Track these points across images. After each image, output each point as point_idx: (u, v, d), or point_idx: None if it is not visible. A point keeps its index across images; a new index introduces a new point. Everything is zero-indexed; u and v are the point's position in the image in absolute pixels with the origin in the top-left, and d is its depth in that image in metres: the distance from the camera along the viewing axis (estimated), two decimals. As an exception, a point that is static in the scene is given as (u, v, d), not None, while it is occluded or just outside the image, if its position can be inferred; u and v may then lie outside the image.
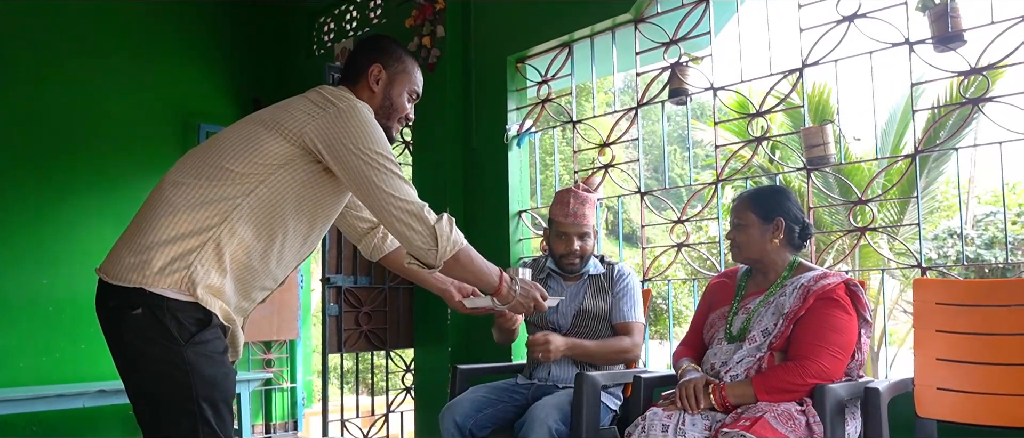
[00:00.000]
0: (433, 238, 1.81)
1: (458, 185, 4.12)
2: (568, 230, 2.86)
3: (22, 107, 4.50)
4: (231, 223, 1.72)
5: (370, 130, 1.80)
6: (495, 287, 2.00)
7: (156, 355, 1.66)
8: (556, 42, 3.81)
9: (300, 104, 1.85)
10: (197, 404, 1.66)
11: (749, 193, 2.45)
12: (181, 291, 1.66)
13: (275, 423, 5.43)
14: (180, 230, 1.68)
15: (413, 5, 4.26)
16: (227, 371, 1.75)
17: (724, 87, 3.28)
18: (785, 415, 2.05)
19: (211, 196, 1.71)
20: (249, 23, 5.53)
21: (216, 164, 1.75)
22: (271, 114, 1.85)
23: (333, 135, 1.77)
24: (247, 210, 1.74)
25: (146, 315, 1.65)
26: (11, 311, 4.39)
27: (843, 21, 2.93)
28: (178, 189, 1.73)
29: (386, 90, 2.00)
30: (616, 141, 3.64)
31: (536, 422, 2.48)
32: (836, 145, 2.97)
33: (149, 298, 1.65)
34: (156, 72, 5.04)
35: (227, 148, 1.77)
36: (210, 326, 1.71)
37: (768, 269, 2.38)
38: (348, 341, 3.99)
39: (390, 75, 2.01)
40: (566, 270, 2.92)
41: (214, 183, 1.73)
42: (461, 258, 1.88)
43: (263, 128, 1.80)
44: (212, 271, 1.70)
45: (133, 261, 1.67)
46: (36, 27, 4.61)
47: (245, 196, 1.73)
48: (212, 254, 1.70)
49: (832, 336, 2.17)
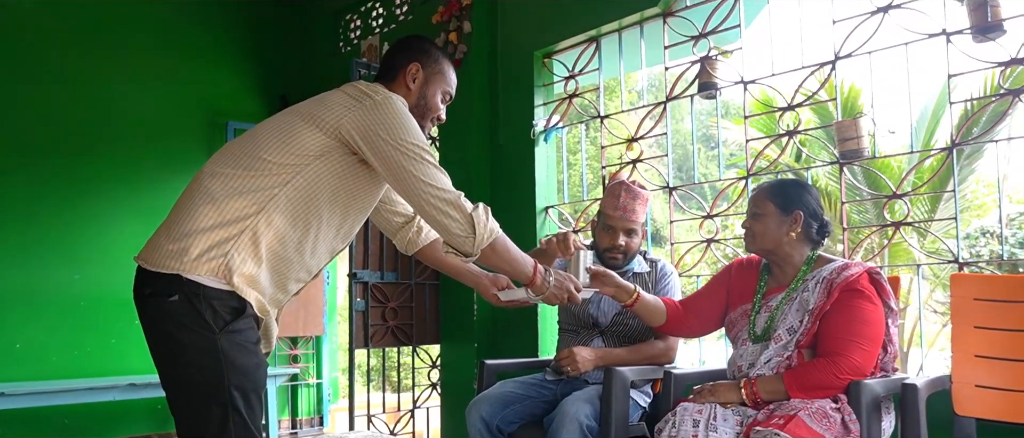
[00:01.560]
0: (470, 226, 1.83)
1: (485, 181, 4.11)
2: (615, 223, 2.82)
3: (52, 105, 4.57)
4: (268, 213, 1.74)
5: (405, 121, 1.83)
6: (529, 277, 2.02)
7: (190, 342, 1.68)
8: (583, 37, 3.79)
9: (336, 97, 1.87)
10: (228, 392, 1.67)
11: (770, 183, 2.41)
12: (218, 278, 1.68)
13: (301, 418, 5.46)
14: (218, 219, 1.70)
15: (440, 1, 4.26)
16: (259, 361, 1.76)
17: (754, 80, 3.24)
18: (820, 413, 2.02)
19: (248, 186, 1.74)
20: (276, 21, 5.56)
21: (253, 155, 1.78)
22: (308, 107, 1.87)
23: (369, 126, 1.79)
24: (283, 200, 1.76)
25: (182, 302, 1.67)
26: (42, 306, 4.45)
27: (878, 12, 2.88)
28: (216, 179, 1.76)
29: (422, 89, 2.03)
30: (644, 136, 3.61)
31: (566, 417, 2.46)
32: (869, 139, 2.92)
33: (186, 285, 1.67)
34: (184, 70, 5.10)
35: (264, 139, 1.81)
36: (244, 315, 1.72)
37: (784, 263, 2.34)
38: (375, 336, 4.00)
39: (427, 75, 2.04)
40: (608, 264, 2.89)
41: (251, 173, 1.75)
42: (497, 247, 1.90)
43: (300, 120, 1.82)
44: (248, 260, 1.72)
45: (171, 248, 1.69)
46: (65, 26, 4.67)
47: (281, 186, 1.75)
48: (248, 243, 1.72)
49: (861, 328, 2.13)
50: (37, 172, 4.48)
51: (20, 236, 4.41)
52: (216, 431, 1.68)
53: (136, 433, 4.72)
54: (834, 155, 3.00)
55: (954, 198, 2.80)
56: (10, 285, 4.35)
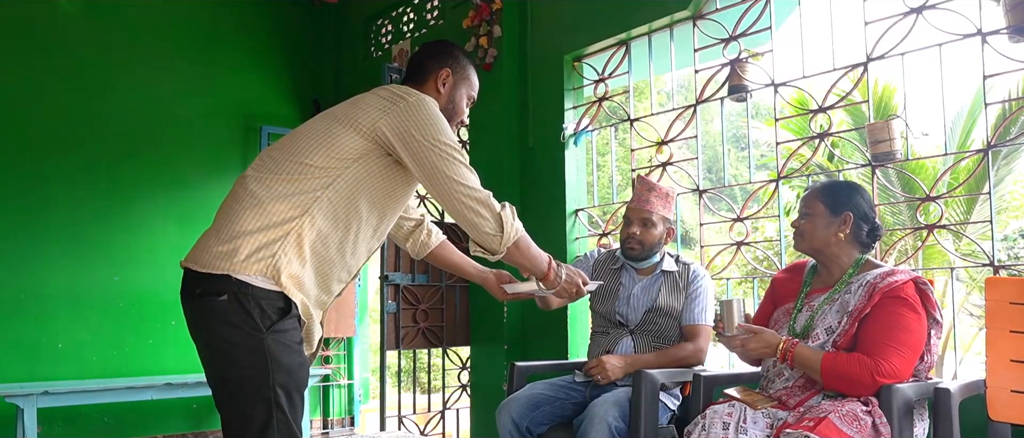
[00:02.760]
0: (499, 225, 1.90)
1: (515, 184, 4.13)
2: (631, 214, 2.89)
3: (93, 111, 4.69)
4: (311, 215, 1.80)
5: (438, 122, 1.89)
6: (544, 272, 2.09)
7: (238, 341, 1.73)
8: (613, 40, 3.80)
9: (371, 100, 1.93)
10: (273, 390, 1.73)
11: (822, 184, 2.41)
12: (266, 279, 1.74)
13: (332, 419, 5.53)
14: (265, 221, 1.77)
15: (470, 6, 4.30)
16: (302, 361, 1.81)
17: (785, 83, 3.23)
18: (850, 415, 2.01)
19: (292, 189, 1.80)
20: (308, 27, 5.65)
21: (295, 160, 1.84)
22: (344, 111, 1.93)
23: (404, 127, 1.85)
24: (326, 203, 1.82)
25: (231, 302, 1.73)
26: (83, 307, 4.56)
27: (911, 13, 2.86)
28: (261, 183, 1.82)
29: (451, 93, 2.11)
30: (674, 139, 3.61)
31: (595, 418, 2.48)
32: (902, 141, 2.90)
33: (235, 285, 1.73)
34: (219, 76, 5.20)
35: (305, 144, 1.87)
36: (290, 316, 1.78)
37: (832, 264, 2.34)
38: (406, 338, 4.04)
39: (456, 80, 2.12)
40: (626, 255, 2.92)
41: (294, 177, 1.81)
42: (521, 244, 1.97)
43: (338, 124, 1.88)
44: (294, 260, 1.77)
45: (221, 250, 1.75)
46: (109, 34, 4.80)
47: (324, 189, 1.82)
48: (294, 244, 1.77)
49: (900, 335, 2.11)
50: (81, 176, 4.60)
51: (63, 238, 4.53)
52: (260, 428, 1.73)
53: (173, 432, 4.82)
54: (866, 156, 2.98)
55: (990, 200, 2.77)
56: (53, 286, 4.47)
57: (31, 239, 4.44)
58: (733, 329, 2.27)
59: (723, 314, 2.30)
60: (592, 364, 2.79)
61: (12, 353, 4.35)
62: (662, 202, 2.89)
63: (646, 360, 2.77)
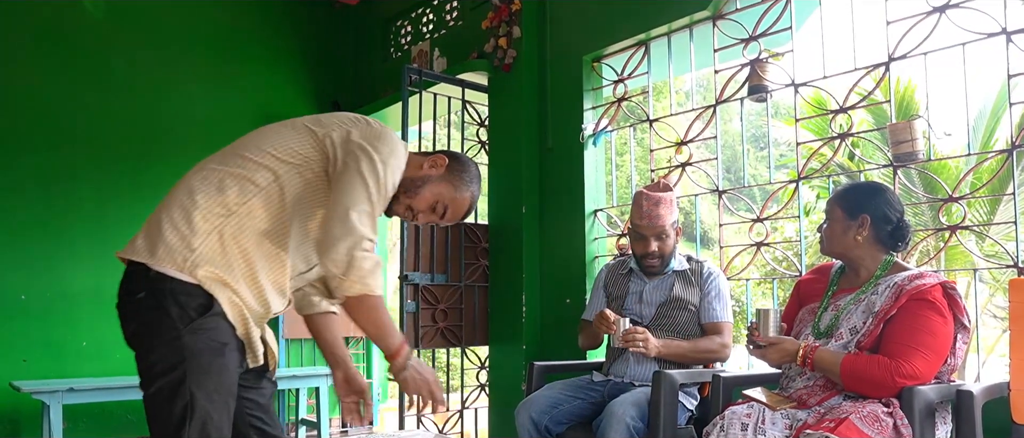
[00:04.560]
0: (348, 263, 1.65)
1: (534, 184, 4.14)
2: (645, 232, 2.87)
3: (118, 112, 4.76)
4: (239, 217, 1.69)
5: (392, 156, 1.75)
6: (392, 351, 1.76)
7: (156, 337, 1.63)
8: (632, 41, 3.80)
9: (341, 116, 1.84)
10: (190, 393, 1.60)
11: (841, 188, 2.42)
12: (183, 272, 1.63)
13: (352, 417, 5.55)
14: (192, 214, 1.67)
15: (489, 7, 4.31)
16: (226, 363, 1.66)
17: (806, 83, 3.22)
18: (871, 416, 2.00)
19: (226, 184, 1.71)
20: (329, 28, 5.69)
21: (237, 152, 1.76)
22: (305, 117, 1.84)
23: (354, 136, 1.74)
24: (257, 204, 1.71)
25: (148, 299, 1.63)
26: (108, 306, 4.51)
27: (934, 12, 2.83)
28: (199, 174, 1.75)
29: (426, 181, 1.92)
30: (694, 139, 3.61)
31: (614, 418, 2.48)
32: (924, 141, 2.88)
33: (152, 279, 1.63)
34: (241, 78, 5.25)
35: (252, 140, 1.79)
36: (212, 313, 1.65)
37: (858, 266, 2.33)
38: (425, 337, 4.06)
39: (445, 177, 1.94)
40: (647, 271, 2.93)
41: (232, 170, 1.73)
42: (367, 303, 1.70)
43: (291, 127, 1.80)
44: (217, 257, 1.66)
45: (143, 243, 1.68)
46: (132, 35, 4.87)
47: (257, 191, 1.71)
48: (217, 242, 1.67)
49: (925, 338, 2.09)
50: (105, 176, 4.67)
51: (88, 237, 4.59)
52: (172, 432, 1.60)
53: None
54: (887, 157, 2.96)
55: (1014, 201, 2.74)
56: (79, 285, 4.54)
57: (57, 239, 4.52)
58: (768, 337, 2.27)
59: (760, 323, 2.30)
60: (639, 330, 2.71)
61: (38, 351, 4.42)
62: (668, 209, 2.89)
63: (681, 347, 2.78)
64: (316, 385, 4.76)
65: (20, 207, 4.44)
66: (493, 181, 4.32)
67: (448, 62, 4.53)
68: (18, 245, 4.42)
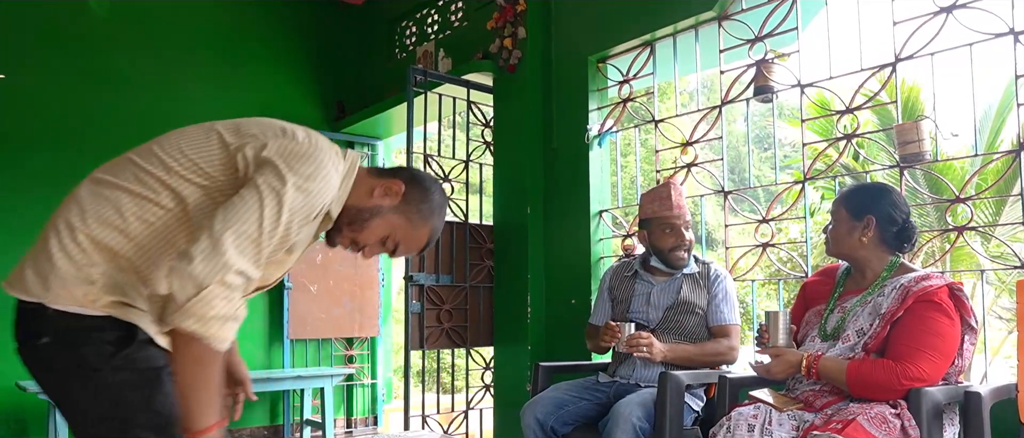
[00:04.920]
0: (197, 292, 1.29)
1: (539, 185, 4.14)
2: (674, 221, 2.86)
3: (121, 111, 4.77)
4: (136, 242, 1.42)
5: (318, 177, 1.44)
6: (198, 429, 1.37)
7: (77, 387, 1.38)
8: (638, 41, 3.79)
9: (266, 124, 1.54)
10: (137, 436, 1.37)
11: (846, 189, 2.41)
12: (85, 307, 1.38)
13: (356, 418, 5.57)
14: (81, 237, 1.40)
15: (494, 7, 4.31)
16: (167, 390, 1.41)
17: (812, 84, 3.21)
18: (879, 418, 2.00)
19: (123, 204, 1.43)
20: (333, 28, 5.70)
21: (137, 164, 1.49)
22: (224, 124, 1.54)
23: (269, 150, 1.44)
24: (160, 227, 1.43)
25: (55, 343, 1.38)
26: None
27: (941, 12, 2.83)
28: (92, 188, 1.48)
29: (376, 211, 1.59)
30: (699, 140, 3.60)
31: (620, 419, 2.48)
32: (931, 142, 2.87)
33: (53, 319, 1.37)
34: (245, 77, 5.27)
35: (156, 151, 1.52)
36: (137, 341, 1.42)
37: (864, 268, 2.32)
38: (430, 338, 4.06)
39: (399, 207, 1.60)
40: (675, 265, 2.90)
41: (131, 186, 1.45)
42: (196, 351, 1.33)
43: (203, 137, 1.51)
44: (121, 283, 1.41)
45: (33, 276, 1.39)
46: (136, 35, 4.89)
47: (159, 211, 1.43)
48: (116, 268, 1.41)
49: (931, 340, 2.09)
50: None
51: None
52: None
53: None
54: (893, 157, 2.95)
55: (1020, 201, 2.73)
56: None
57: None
58: (777, 341, 2.27)
59: (768, 326, 2.30)
60: (644, 335, 2.69)
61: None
62: (684, 201, 2.91)
63: (687, 350, 2.77)
64: (321, 386, 4.77)
65: (26, 206, 4.44)
66: (498, 182, 4.32)
67: (453, 63, 4.53)
68: (24, 244, 4.35)
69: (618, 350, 2.77)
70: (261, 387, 4.73)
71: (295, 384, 4.78)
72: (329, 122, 5.58)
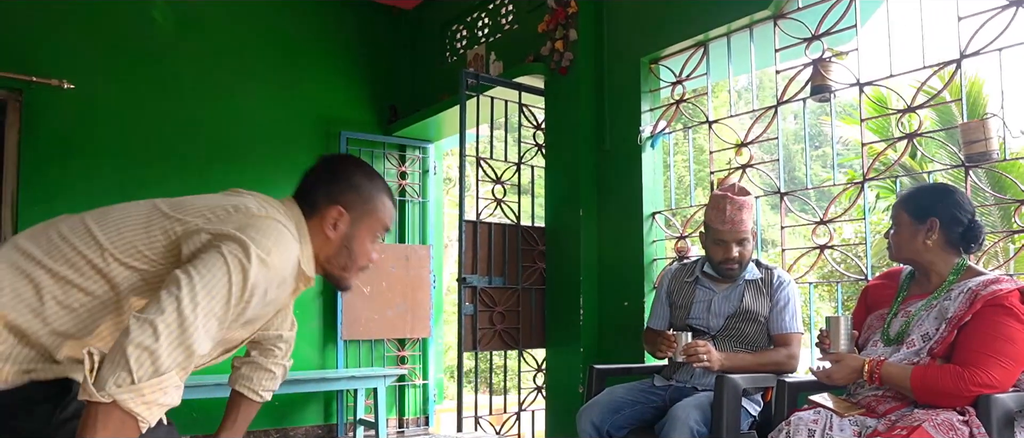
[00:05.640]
0: (155, 373, 1.20)
1: (591, 187, 4.14)
2: (726, 237, 2.82)
3: (185, 120, 4.91)
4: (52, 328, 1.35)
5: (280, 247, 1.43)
6: None
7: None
8: (691, 42, 3.76)
9: (214, 203, 1.49)
10: None
11: (905, 192, 2.35)
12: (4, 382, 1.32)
13: (408, 418, 5.63)
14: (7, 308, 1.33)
15: (545, 10, 4.32)
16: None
17: (871, 82, 3.14)
18: (946, 424, 1.94)
19: (44, 287, 1.36)
20: (386, 34, 5.78)
21: (66, 240, 1.41)
22: (165, 202, 1.50)
23: (229, 227, 1.39)
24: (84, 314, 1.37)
25: None
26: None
27: (1010, 6, 2.74)
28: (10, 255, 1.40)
29: (346, 238, 1.62)
30: (755, 141, 3.56)
31: (677, 422, 2.47)
32: (998, 140, 2.79)
33: None
34: (301, 85, 5.37)
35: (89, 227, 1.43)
36: (72, 390, 1.38)
37: (929, 271, 2.26)
38: (482, 340, 4.08)
39: (355, 217, 1.62)
40: (725, 276, 2.88)
41: (56, 268, 1.37)
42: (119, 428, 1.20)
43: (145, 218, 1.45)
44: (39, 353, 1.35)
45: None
46: (196, 46, 5.03)
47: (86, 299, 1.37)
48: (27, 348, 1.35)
49: (1002, 345, 2.03)
50: (175, 182, 4.81)
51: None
52: None
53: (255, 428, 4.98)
54: (956, 156, 2.88)
55: (1094, 202, 2.64)
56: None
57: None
58: (839, 346, 2.23)
59: (830, 331, 2.27)
60: (701, 344, 2.67)
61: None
62: (750, 214, 2.85)
63: (745, 359, 2.74)
64: (374, 386, 4.83)
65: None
66: (550, 184, 4.33)
67: (503, 66, 4.55)
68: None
69: (675, 359, 2.75)
70: (315, 387, 4.81)
71: (348, 384, 4.86)
72: (382, 126, 5.65)
